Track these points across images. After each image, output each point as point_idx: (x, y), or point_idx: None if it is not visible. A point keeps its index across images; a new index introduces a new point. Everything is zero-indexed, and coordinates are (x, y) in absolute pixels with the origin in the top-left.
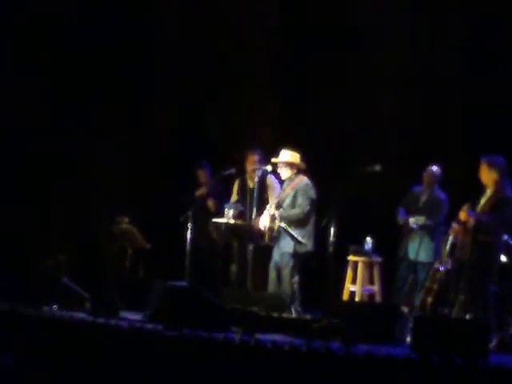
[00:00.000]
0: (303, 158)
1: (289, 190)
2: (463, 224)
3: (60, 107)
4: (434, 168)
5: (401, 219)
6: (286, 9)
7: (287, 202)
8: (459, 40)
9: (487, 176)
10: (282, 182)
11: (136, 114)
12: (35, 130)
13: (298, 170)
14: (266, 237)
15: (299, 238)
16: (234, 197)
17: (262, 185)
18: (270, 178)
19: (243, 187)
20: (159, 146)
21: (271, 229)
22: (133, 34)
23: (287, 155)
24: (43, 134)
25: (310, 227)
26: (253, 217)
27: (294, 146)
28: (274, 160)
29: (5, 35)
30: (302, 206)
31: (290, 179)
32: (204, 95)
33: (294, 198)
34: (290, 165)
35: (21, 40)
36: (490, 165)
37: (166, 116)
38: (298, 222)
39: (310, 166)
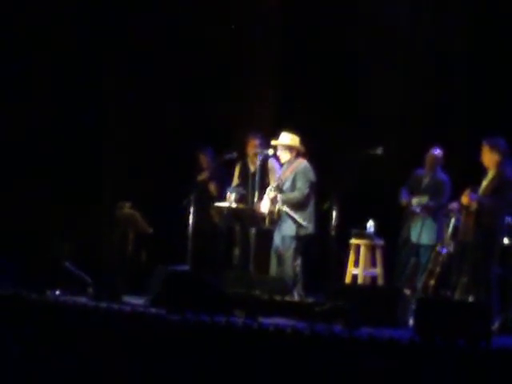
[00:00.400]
0: (303, 141)
1: (288, 173)
2: (466, 207)
3: (63, 90)
4: (437, 151)
5: (403, 200)
6: None
7: (287, 185)
8: (463, 21)
9: (489, 158)
10: (282, 165)
11: (137, 99)
12: (42, 114)
13: (297, 153)
14: (267, 220)
15: (300, 221)
16: (236, 181)
17: (264, 169)
18: (271, 162)
19: (244, 171)
20: (161, 130)
21: (272, 212)
22: (136, 19)
23: (287, 138)
24: (48, 119)
25: (311, 210)
26: (255, 200)
27: (294, 129)
28: (273, 142)
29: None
30: (302, 189)
31: (289, 162)
32: (205, 80)
33: (294, 181)
34: (290, 148)
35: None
36: (492, 147)
37: (167, 100)
38: (298, 205)
39: (311, 149)
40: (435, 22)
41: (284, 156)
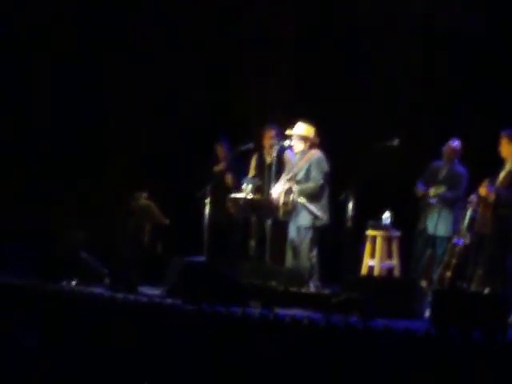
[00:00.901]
0: (318, 132)
1: (302, 164)
2: (483, 199)
3: (79, 80)
4: (455, 142)
5: (419, 191)
6: None
7: (301, 175)
8: (484, 13)
9: (507, 150)
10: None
11: (155, 89)
12: (56, 104)
13: (311, 143)
14: (282, 211)
15: (316, 212)
16: (252, 172)
17: (280, 160)
18: (287, 154)
19: (261, 162)
20: (178, 120)
21: (287, 203)
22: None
23: (302, 128)
24: (64, 109)
25: (325, 201)
26: (270, 192)
27: (311, 120)
28: (288, 132)
29: None
30: (316, 179)
31: (303, 152)
32: (222, 71)
33: (308, 171)
34: (304, 138)
35: None
36: (510, 138)
37: (183, 91)
38: (313, 196)
39: (328, 140)
40: (453, 8)
41: (298, 146)
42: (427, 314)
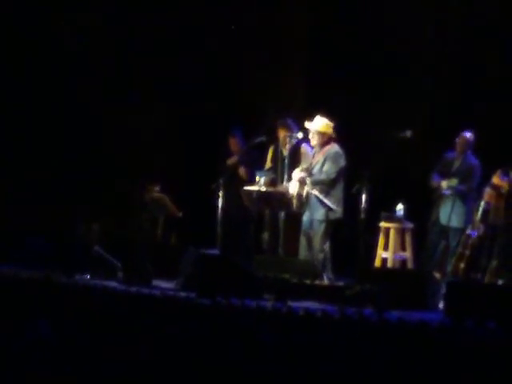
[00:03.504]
0: (336, 127)
1: (319, 157)
2: (497, 189)
3: (91, 75)
4: (468, 134)
5: (434, 182)
6: None
7: (317, 168)
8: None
9: None
10: (313, 148)
11: (169, 81)
12: (71, 98)
13: (329, 138)
14: (296, 203)
15: (330, 204)
16: (268, 164)
17: (295, 153)
18: (305, 147)
19: (277, 155)
20: (191, 114)
21: (301, 195)
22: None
23: (320, 123)
24: (77, 103)
25: (339, 194)
26: (284, 184)
27: (326, 112)
28: (306, 125)
29: None
30: (329, 172)
31: (321, 146)
32: (238, 62)
33: (323, 165)
34: (322, 133)
35: None
36: None
37: (197, 84)
38: (327, 189)
39: (341, 132)
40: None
41: (315, 140)
42: (441, 305)
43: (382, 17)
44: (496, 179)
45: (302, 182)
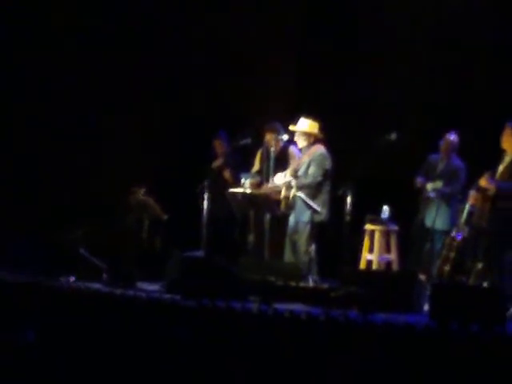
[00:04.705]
0: (321, 127)
1: (305, 159)
2: (482, 192)
3: (74, 76)
4: (452, 136)
5: (418, 182)
6: None
7: (302, 170)
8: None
9: (509, 141)
10: (300, 150)
11: (152, 84)
12: (53, 99)
13: (315, 139)
14: (282, 205)
15: (316, 207)
16: (257, 166)
17: (283, 155)
18: (292, 149)
19: (265, 157)
20: (176, 115)
21: (287, 197)
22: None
23: (305, 124)
24: (59, 103)
25: (325, 196)
26: (269, 186)
27: (312, 115)
28: (291, 128)
29: None
30: (314, 175)
31: (307, 148)
32: (221, 65)
33: (308, 167)
34: (307, 134)
35: None
36: None
37: (181, 85)
38: (310, 192)
39: (326, 134)
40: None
41: (301, 141)
42: (426, 307)
43: (369, 19)
44: (483, 182)
45: (288, 186)
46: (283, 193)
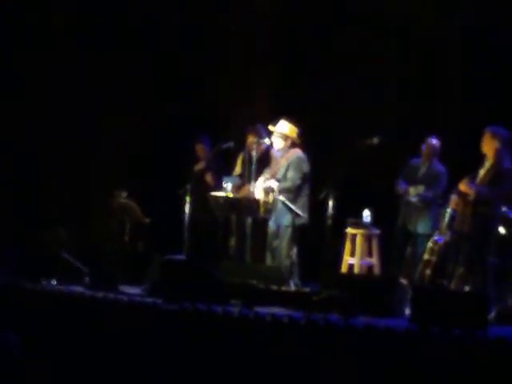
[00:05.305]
0: (301, 133)
1: (283, 161)
2: (463, 196)
3: (59, 80)
4: (434, 140)
5: (400, 188)
6: None
7: (281, 173)
8: (459, 13)
9: (489, 145)
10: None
11: (136, 88)
12: (35, 103)
13: (292, 142)
14: (262, 209)
15: (297, 211)
16: (238, 169)
17: (264, 158)
18: (274, 152)
19: (247, 160)
20: (158, 119)
21: (267, 201)
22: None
23: (284, 126)
24: (43, 108)
25: (304, 200)
26: (251, 190)
27: (292, 118)
28: (270, 128)
29: None
30: (293, 179)
31: (284, 151)
32: (204, 68)
33: (286, 170)
34: (285, 136)
35: None
36: (494, 134)
37: (164, 90)
38: (292, 195)
39: (308, 138)
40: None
41: (278, 143)
42: (408, 311)
43: (351, 25)
44: (463, 186)
45: (269, 189)
46: (262, 197)
